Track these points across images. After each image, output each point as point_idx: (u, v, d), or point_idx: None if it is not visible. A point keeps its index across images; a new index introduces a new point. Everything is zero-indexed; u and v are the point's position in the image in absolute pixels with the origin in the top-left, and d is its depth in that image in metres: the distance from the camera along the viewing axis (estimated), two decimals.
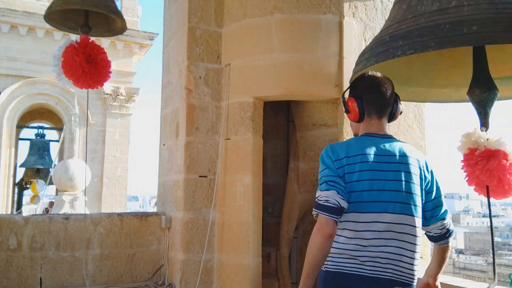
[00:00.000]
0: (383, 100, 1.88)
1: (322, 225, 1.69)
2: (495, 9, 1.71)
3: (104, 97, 11.81)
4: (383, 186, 1.74)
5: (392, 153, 1.79)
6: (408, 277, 1.75)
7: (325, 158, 1.78)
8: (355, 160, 1.74)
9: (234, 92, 3.54)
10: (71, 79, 3.14)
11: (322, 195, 1.70)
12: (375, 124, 1.87)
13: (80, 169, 8.58)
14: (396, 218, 1.73)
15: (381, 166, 1.75)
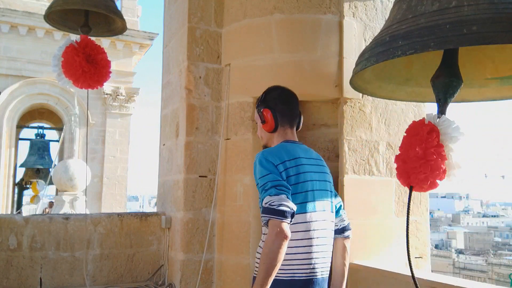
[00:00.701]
0: (293, 112, 2.02)
1: (280, 229, 1.66)
2: (495, 9, 1.71)
3: (104, 97, 11.81)
4: (318, 187, 1.87)
5: (313, 157, 1.96)
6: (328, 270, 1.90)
7: (265, 163, 1.80)
8: (293, 163, 1.83)
9: (234, 92, 3.54)
10: (71, 79, 3.14)
11: (274, 200, 1.69)
12: (290, 133, 2.00)
13: (80, 169, 8.59)
14: (327, 216, 1.88)
15: (312, 168, 1.88)
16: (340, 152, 3.44)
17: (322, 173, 1.94)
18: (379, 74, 2.39)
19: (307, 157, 1.91)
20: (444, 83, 1.96)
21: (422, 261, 3.58)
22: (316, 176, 1.89)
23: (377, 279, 2.94)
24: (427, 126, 1.80)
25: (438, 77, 1.98)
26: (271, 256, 1.65)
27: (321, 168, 1.95)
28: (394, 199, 3.51)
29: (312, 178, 1.86)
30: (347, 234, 2.05)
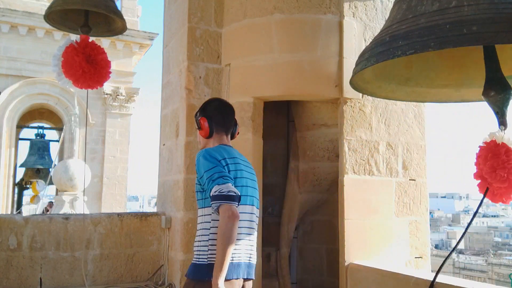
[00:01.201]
0: (229, 121, 2.25)
1: (232, 212, 1.87)
2: (495, 9, 1.71)
3: (104, 97, 11.80)
4: (250, 184, 2.14)
5: (245, 160, 2.22)
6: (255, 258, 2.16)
7: (210, 158, 2.01)
8: (232, 161, 2.08)
9: (234, 92, 3.54)
10: (71, 79, 3.14)
11: (223, 188, 1.90)
12: (224, 139, 2.23)
13: (80, 169, 8.58)
14: (254, 210, 2.14)
15: (245, 168, 2.15)
16: (340, 152, 3.44)
17: (252, 174, 2.20)
18: (379, 74, 2.39)
19: (241, 158, 2.17)
20: (499, 98, 1.99)
21: (422, 261, 3.58)
22: (248, 175, 2.15)
23: (377, 279, 2.94)
24: (502, 147, 1.90)
25: (490, 95, 2.01)
26: (228, 236, 1.85)
27: (251, 170, 2.21)
28: (394, 199, 3.51)
29: (245, 176, 2.12)
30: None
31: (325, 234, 4.10)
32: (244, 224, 2.05)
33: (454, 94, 2.52)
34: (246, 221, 2.08)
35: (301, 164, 4.00)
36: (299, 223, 4.19)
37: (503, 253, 39.47)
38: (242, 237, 2.04)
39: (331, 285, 3.95)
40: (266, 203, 4.04)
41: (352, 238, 3.30)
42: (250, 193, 2.12)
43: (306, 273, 4.21)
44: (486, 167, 1.92)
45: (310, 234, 4.23)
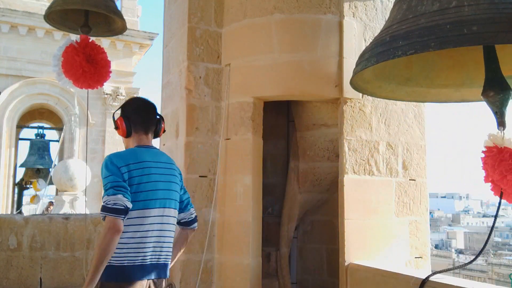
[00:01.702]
0: (148, 120, 2.25)
1: (113, 225, 1.92)
2: (496, 9, 1.71)
3: (104, 97, 11.81)
4: (162, 187, 2.14)
5: (162, 161, 2.21)
6: (169, 258, 2.20)
7: (110, 165, 2.03)
8: (138, 166, 2.07)
9: (234, 92, 3.54)
10: (71, 79, 3.14)
11: (110, 199, 1.94)
12: (144, 138, 2.23)
13: (80, 169, 8.58)
14: (166, 212, 2.14)
15: (158, 170, 2.15)
16: (340, 152, 3.44)
17: (168, 175, 2.20)
18: (379, 74, 2.39)
19: (155, 160, 2.16)
20: (498, 98, 2.00)
21: (422, 261, 3.58)
22: (162, 177, 2.15)
23: (377, 279, 2.94)
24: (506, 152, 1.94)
25: (489, 95, 2.01)
26: (103, 247, 1.89)
27: (168, 171, 2.21)
28: (394, 199, 3.51)
29: (156, 179, 2.12)
30: (193, 225, 2.33)
31: (325, 234, 4.11)
32: (153, 227, 2.08)
33: (454, 94, 2.52)
34: (156, 224, 2.09)
35: (301, 164, 4.00)
36: (299, 223, 4.19)
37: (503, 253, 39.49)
38: (149, 240, 2.07)
39: (331, 285, 3.95)
40: (266, 203, 4.04)
41: (352, 238, 3.30)
42: (161, 196, 2.12)
43: (306, 273, 4.21)
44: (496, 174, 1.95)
45: (310, 234, 4.23)
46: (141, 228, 2.05)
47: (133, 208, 2.01)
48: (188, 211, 2.31)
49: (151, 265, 2.08)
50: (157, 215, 2.10)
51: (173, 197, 2.20)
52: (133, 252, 2.03)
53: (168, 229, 2.16)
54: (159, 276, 2.12)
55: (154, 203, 2.10)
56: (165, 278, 2.16)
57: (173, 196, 2.20)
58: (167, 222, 2.15)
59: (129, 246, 2.02)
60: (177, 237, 2.33)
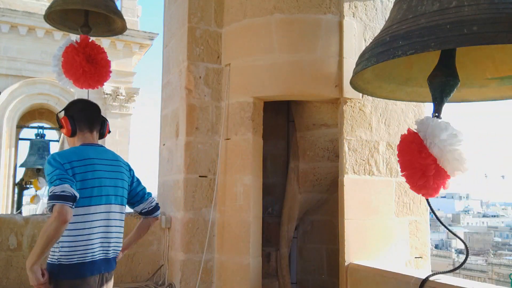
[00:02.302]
0: (91, 118, 2.31)
1: (60, 212, 1.91)
2: (496, 9, 1.71)
3: (104, 97, 11.80)
4: (107, 183, 2.20)
5: (107, 158, 2.27)
6: (117, 252, 2.27)
7: (53, 162, 2.06)
8: (81, 163, 2.12)
9: (234, 92, 3.54)
10: (71, 79, 3.14)
11: (57, 188, 1.94)
12: (89, 137, 2.29)
13: None
14: (112, 208, 2.20)
15: (103, 167, 2.21)
16: (340, 152, 3.44)
17: (114, 172, 2.26)
18: (379, 74, 2.39)
19: (100, 157, 2.22)
20: (441, 82, 1.98)
21: (422, 261, 3.58)
22: (107, 174, 2.20)
23: (377, 279, 2.94)
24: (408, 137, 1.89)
25: (434, 77, 2.00)
26: (47, 234, 1.91)
27: (114, 168, 2.26)
28: (394, 199, 3.51)
29: (101, 176, 2.17)
30: (155, 214, 2.38)
31: (325, 234, 4.11)
32: (99, 223, 2.15)
33: (454, 94, 2.52)
34: (102, 220, 2.16)
35: (301, 164, 4.00)
36: (299, 223, 4.19)
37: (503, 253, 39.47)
38: (97, 236, 2.14)
39: (331, 285, 3.95)
40: (266, 203, 4.04)
41: (352, 238, 3.29)
42: (106, 193, 2.17)
43: (306, 273, 4.21)
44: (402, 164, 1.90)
45: (310, 234, 4.23)
46: (87, 225, 2.10)
47: (79, 205, 2.03)
48: (147, 201, 2.37)
49: (101, 260, 2.15)
50: (103, 211, 2.17)
51: (119, 193, 2.26)
52: (82, 250, 2.08)
53: (115, 224, 2.23)
54: (108, 269, 2.21)
55: (100, 199, 2.15)
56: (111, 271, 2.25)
57: (119, 193, 2.26)
58: (114, 218, 2.22)
59: (77, 244, 2.07)
60: (139, 225, 2.45)
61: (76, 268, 2.06)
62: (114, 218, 2.22)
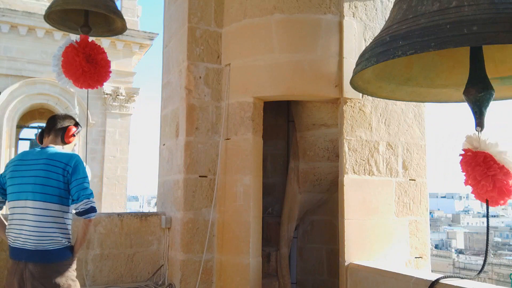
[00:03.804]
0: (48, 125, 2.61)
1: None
2: (495, 9, 1.71)
3: (104, 97, 11.80)
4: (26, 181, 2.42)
5: (34, 158, 2.49)
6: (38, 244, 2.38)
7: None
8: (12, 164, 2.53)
9: (234, 92, 3.54)
10: (71, 79, 3.14)
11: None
12: (44, 141, 2.60)
13: None
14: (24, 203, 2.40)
15: (25, 167, 2.46)
16: (340, 152, 3.44)
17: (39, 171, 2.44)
18: (379, 74, 2.39)
19: (29, 159, 2.49)
20: (479, 97, 2.00)
21: (422, 261, 3.57)
22: (29, 173, 2.44)
23: (377, 279, 2.94)
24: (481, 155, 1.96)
25: (470, 92, 2.02)
26: None
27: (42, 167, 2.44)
28: (394, 199, 3.51)
29: (23, 175, 2.45)
30: (86, 216, 2.44)
31: (325, 234, 4.11)
32: (15, 216, 2.44)
33: (454, 94, 2.52)
34: (18, 213, 2.43)
35: (301, 164, 4.00)
36: (299, 223, 4.19)
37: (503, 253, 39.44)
38: (13, 226, 2.44)
39: (331, 285, 3.95)
40: (266, 203, 4.04)
41: (352, 238, 3.29)
42: (16, 190, 2.45)
43: (306, 273, 4.21)
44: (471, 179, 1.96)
45: (310, 234, 4.23)
46: (10, 217, 2.47)
47: (9, 200, 2.49)
48: (80, 202, 2.43)
49: (18, 249, 2.41)
50: (21, 206, 2.43)
51: (38, 190, 2.41)
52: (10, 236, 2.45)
53: (28, 218, 2.40)
54: (28, 259, 2.37)
55: (19, 195, 2.45)
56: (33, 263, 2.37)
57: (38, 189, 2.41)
58: (27, 213, 2.40)
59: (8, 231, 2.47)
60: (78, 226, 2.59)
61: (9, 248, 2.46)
62: (27, 213, 2.40)
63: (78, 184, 2.44)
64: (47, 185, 2.41)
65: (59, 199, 2.43)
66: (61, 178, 2.43)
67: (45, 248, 2.38)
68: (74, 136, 2.66)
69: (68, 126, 2.62)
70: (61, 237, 2.43)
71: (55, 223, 2.41)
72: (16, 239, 2.40)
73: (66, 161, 2.45)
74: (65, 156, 2.48)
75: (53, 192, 2.41)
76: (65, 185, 2.44)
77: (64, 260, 2.42)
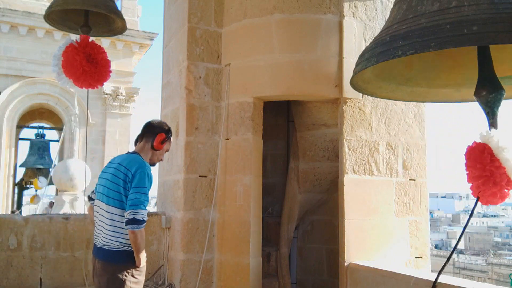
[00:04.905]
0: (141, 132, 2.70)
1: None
2: (495, 9, 1.71)
3: (104, 97, 11.80)
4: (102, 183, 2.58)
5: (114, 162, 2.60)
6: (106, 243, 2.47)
7: None
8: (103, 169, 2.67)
9: (234, 92, 3.54)
10: (72, 79, 3.14)
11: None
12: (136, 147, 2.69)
13: (80, 169, 8.58)
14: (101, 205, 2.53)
15: (105, 169, 2.62)
16: (340, 152, 3.44)
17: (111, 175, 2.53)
18: (379, 74, 2.39)
19: (111, 162, 2.63)
20: (491, 98, 1.99)
21: (422, 261, 3.57)
22: (105, 175, 2.58)
23: (377, 279, 2.94)
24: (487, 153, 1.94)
25: (481, 94, 2.01)
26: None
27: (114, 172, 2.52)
28: (394, 199, 3.51)
29: (102, 176, 2.60)
30: (128, 226, 2.41)
31: (325, 234, 4.11)
32: (96, 215, 2.59)
33: (454, 94, 2.52)
34: (97, 212, 2.58)
35: (301, 164, 4.00)
36: (299, 223, 4.19)
37: (503, 253, 39.43)
38: (95, 224, 2.60)
39: (331, 285, 3.95)
40: (266, 203, 4.04)
41: (352, 238, 3.29)
42: (96, 191, 2.63)
43: (306, 273, 4.21)
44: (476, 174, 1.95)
45: (310, 234, 4.23)
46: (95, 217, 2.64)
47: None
48: (127, 211, 2.41)
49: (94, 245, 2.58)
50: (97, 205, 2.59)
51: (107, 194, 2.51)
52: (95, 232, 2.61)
53: (101, 219, 2.53)
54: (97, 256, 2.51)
55: (97, 195, 2.63)
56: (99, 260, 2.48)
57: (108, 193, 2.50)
58: (101, 214, 2.54)
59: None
60: None
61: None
62: (101, 214, 2.53)
63: (132, 193, 2.42)
64: (111, 189, 2.48)
65: (120, 203, 2.45)
66: (123, 184, 2.45)
67: (106, 248, 2.46)
68: (164, 143, 2.65)
69: (159, 133, 2.63)
70: (119, 241, 2.43)
71: (115, 226, 2.44)
72: (96, 235, 2.57)
73: (130, 168, 2.46)
74: (133, 163, 2.48)
75: (115, 196, 2.46)
76: (125, 191, 2.44)
77: (120, 264, 2.42)
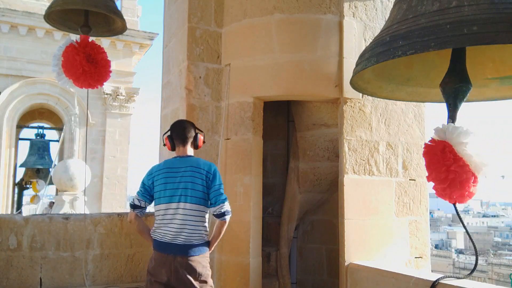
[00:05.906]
0: (181, 136, 2.88)
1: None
2: (496, 9, 1.71)
3: (104, 97, 11.80)
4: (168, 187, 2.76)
5: (180, 166, 2.80)
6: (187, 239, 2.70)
7: (145, 175, 2.88)
8: (160, 172, 2.82)
9: (234, 92, 3.54)
10: (72, 78, 3.14)
11: (134, 198, 2.87)
12: (181, 150, 2.89)
13: (80, 169, 8.57)
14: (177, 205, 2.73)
15: (173, 174, 2.79)
16: (340, 152, 3.44)
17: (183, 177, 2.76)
18: (379, 74, 2.39)
19: (176, 166, 2.80)
20: (454, 89, 1.99)
21: (422, 261, 3.58)
22: (173, 179, 2.77)
23: (377, 279, 2.94)
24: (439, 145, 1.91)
25: (447, 84, 2.01)
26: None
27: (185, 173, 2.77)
28: (394, 199, 3.51)
29: (168, 181, 2.77)
30: (221, 218, 2.77)
31: (325, 234, 4.10)
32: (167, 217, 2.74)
33: None
34: (170, 214, 2.73)
35: (301, 164, 4.00)
36: (299, 223, 4.19)
37: (503, 253, 39.44)
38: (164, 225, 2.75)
39: (331, 285, 3.95)
40: (266, 203, 4.04)
41: (352, 238, 3.29)
42: (169, 194, 2.76)
43: (306, 273, 4.21)
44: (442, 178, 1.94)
45: (310, 234, 4.23)
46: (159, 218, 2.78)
47: (155, 203, 2.83)
48: (217, 206, 2.74)
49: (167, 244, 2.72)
50: (163, 209, 2.76)
51: (186, 193, 2.73)
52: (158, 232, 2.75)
53: (178, 218, 2.71)
54: (177, 253, 2.68)
55: (159, 200, 2.79)
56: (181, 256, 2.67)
57: (186, 193, 2.73)
58: (177, 213, 2.72)
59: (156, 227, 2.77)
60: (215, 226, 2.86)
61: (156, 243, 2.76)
62: (178, 213, 2.72)
63: (215, 190, 2.76)
64: (194, 189, 2.74)
65: (203, 201, 2.76)
66: (204, 183, 2.76)
67: (192, 243, 2.70)
68: (204, 142, 3.02)
69: (197, 135, 2.94)
70: (204, 234, 2.76)
71: (201, 221, 2.75)
72: (164, 235, 2.71)
73: (207, 169, 2.78)
74: (206, 164, 2.81)
75: (198, 195, 2.74)
76: (206, 189, 2.76)
77: (205, 253, 2.74)
